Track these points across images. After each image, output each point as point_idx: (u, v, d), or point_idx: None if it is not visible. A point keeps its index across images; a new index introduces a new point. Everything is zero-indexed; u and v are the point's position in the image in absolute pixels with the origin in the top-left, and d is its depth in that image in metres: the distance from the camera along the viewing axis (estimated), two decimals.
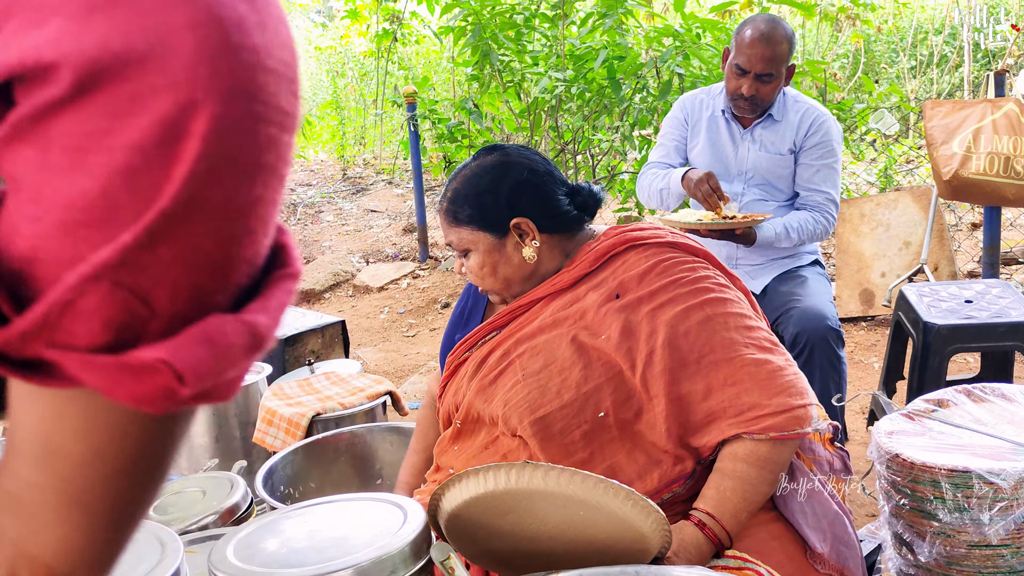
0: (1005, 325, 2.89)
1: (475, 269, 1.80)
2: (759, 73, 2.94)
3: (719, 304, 1.68)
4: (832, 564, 1.62)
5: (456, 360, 1.88)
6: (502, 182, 1.77)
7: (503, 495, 1.37)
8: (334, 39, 12.89)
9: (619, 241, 1.78)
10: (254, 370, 3.39)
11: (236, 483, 1.91)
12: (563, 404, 1.65)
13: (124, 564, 1.29)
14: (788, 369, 1.63)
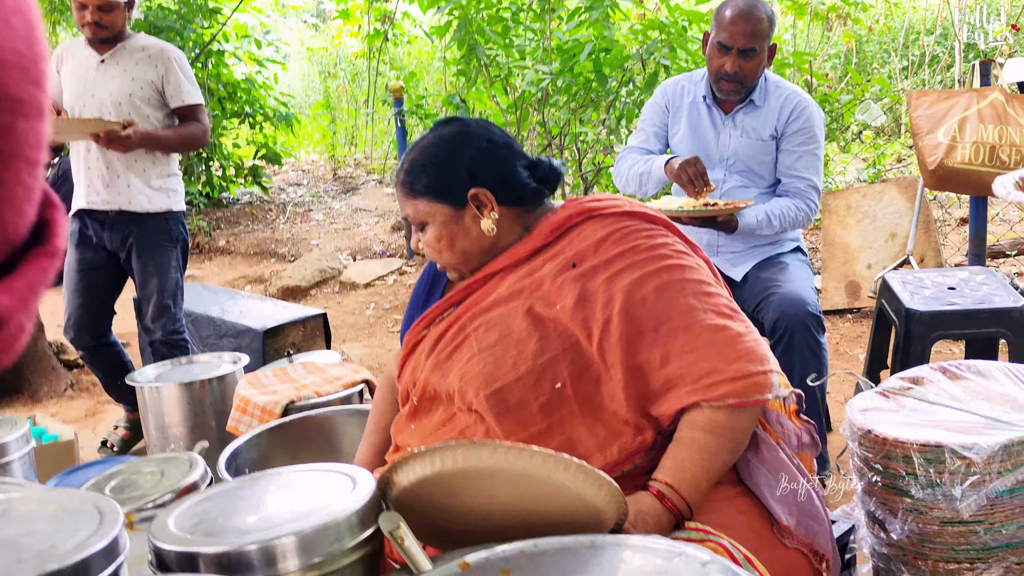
0: (988, 312, 2.86)
1: (432, 242, 1.76)
2: (742, 48, 2.91)
3: (677, 270, 1.64)
4: (801, 539, 1.58)
5: (414, 338, 1.83)
6: (460, 152, 1.73)
7: (451, 475, 1.32)
8: (326, 40, 12.85)
9: (576, 212, 1.74)
10: (231, 360, 3.35)
11: (195, 462, 1.86)
12: (519, 376, 1.60)
13: (60, 533, 1.25)
14: (748, 335, 1.58)
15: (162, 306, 3.62)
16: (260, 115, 9.46)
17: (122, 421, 3.87)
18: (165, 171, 3.61)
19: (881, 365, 3.32)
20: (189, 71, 3.67)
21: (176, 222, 3.65)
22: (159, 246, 3.60)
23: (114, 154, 3.47)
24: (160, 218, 3.59)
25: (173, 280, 3.64)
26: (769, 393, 1.53)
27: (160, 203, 3.58)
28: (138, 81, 3.53)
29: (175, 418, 3.15)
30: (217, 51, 9.01)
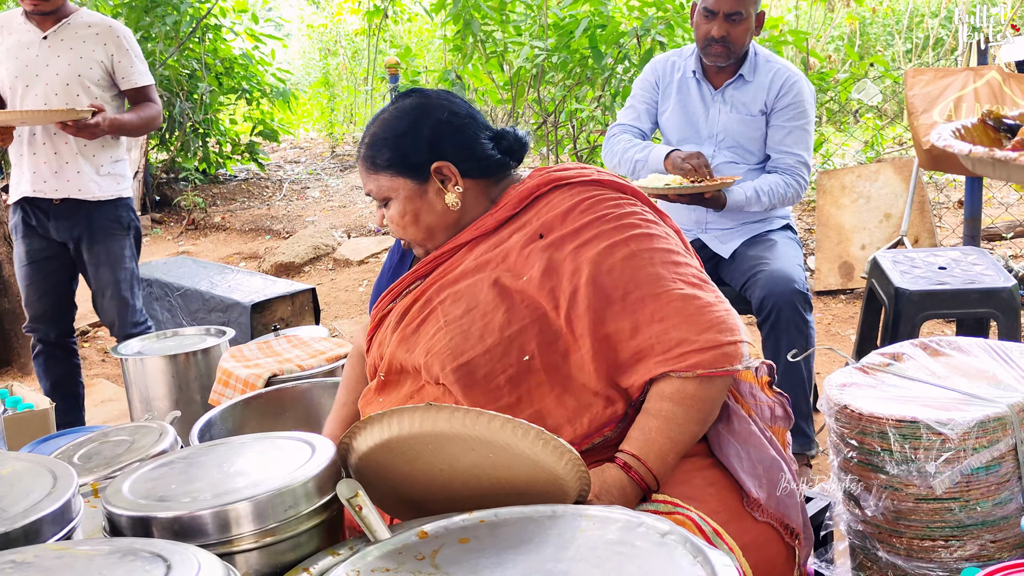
0: (978, 291, 2.83)
1: (396, 218, 1.72)
2: (728, 12, 2.88)
3: (645, 240, 1.61)
4: (771, 512, 1.55)
5: (381, 311, 1.80)
6: (421, 124, 1.69)
7: (408, 439, 1.30)
8: (327, 17, 12.78)
9: (543, 181, 1.71)
10: (216, 334, 3.33)
11: (165, 431, 1.84)
12: (486, 349, 1.58)
13: (11, 496, 1.23)
14: (718, 305, 1.56)
15: (120, 299, 3.44)
16: (257, 91, 9.41)
17: None
18: (114, 156, 3.43)
19: (872, 345, 3.29)
20: (138, 49, 3.46)
21: (127, 208, 3.46)
22: (111, 235, 3.41)
23: (63, 139, 3.28)
24: (110, 205, 3.40)
25: (129, 270, 3.46)
26: (739, 363, 1.51)
27: (110, 189, 3.39)
28: (87, 60, 3.31)
29: (159, 391, 3.14)
30: (214, 26, 8.95)
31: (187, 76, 8.92)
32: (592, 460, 1.55)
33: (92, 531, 1.42)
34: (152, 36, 8.66)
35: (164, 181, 9.23)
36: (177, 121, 8.80)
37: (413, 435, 1.29)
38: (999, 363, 1.81)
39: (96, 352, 4.95)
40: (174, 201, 8.82)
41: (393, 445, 1.31)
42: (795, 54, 6.88)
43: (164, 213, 8.72)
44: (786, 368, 2.75)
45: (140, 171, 8.42)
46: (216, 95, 9.06)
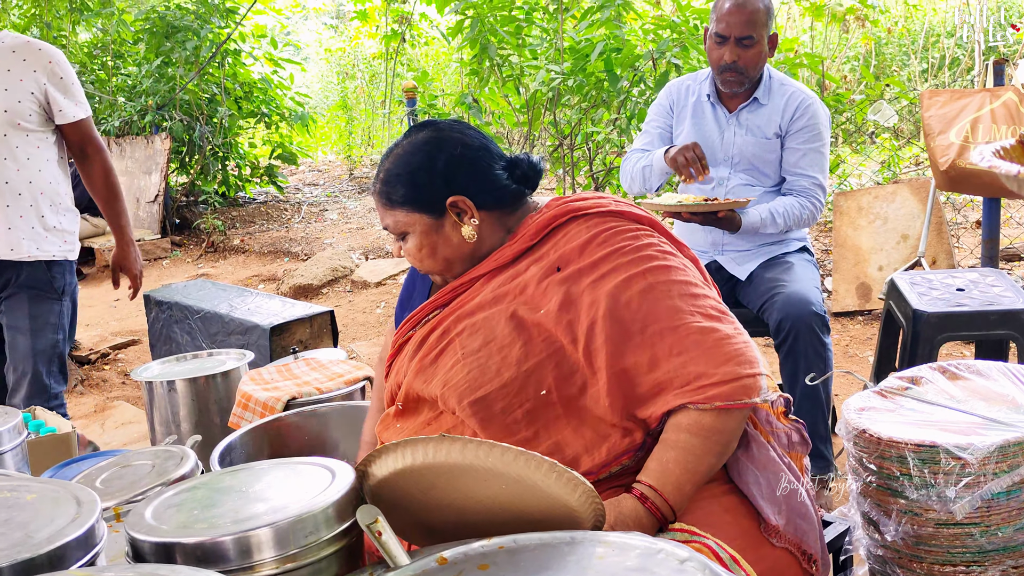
0: (997, 313, 2.82)
1: (414, 252, 1.73)
2: (739, 37, 2.89)
3: (663, 272, 1.61)
4: (789, 538, 1.55)
5: (400, 338, 1.81)
6: (436, 159, 1.69)
7: (423, 469, 1.31)
8: (344, 41, 12.91)
9: (560, 212, 1.70)
10: (235, 356, 3.35)
11: (186, 456, 1.86)
12: (503, 383, 1.58)
13: (36, 522, 1.24)
14: (737, 337, 1.56)
15: (34, 373, 2.97)
16: (276, 115, 9.50)
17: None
18: (62, 208, 3.06)
19: (889, 367, 3.28)
20: (74, 75, 2.98)
21: (65, 271, 3.05)
22: (40, 298, 2.99)
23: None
24: (43, 266, 2.99)
25: (51, 340, 3.03)
26: (757, 396, 1.51)
27: (50, 249, 2.99)
28: (14, 93, 2.85)
29: (179, 413, 3.16)
30: (234, 50, 9.06)
31: (207, 100, 9.04)
32: (610, 487, 1.55)
33: (115, 556, 1.43)
34: (173, 61, 8.79)
35: (184, 204, 9.33)
36: (197, 145, 8.90)
37: (427, 465, 1.30)
38: (1018, 387, 1.81)
39: (116, 374, 4.99)
40: (193, 224, 8.90)
41: (408, 474, 1.32)
42: (810, 76, 6.89)
43: (183, 236, 8.79)
44: (804, 391, 2.75)
45: (160, 194, 8.52)
46: (235, 119, 9.16)
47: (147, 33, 8.85)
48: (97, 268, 7.96)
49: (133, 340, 5.62)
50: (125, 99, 9.23)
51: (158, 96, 8.85)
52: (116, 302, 6.91)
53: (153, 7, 8.92)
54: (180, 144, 8.98)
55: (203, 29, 8.63)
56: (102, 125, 9.28)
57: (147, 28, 8.82)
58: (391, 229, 1.74)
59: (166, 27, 8.67)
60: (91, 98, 9.40)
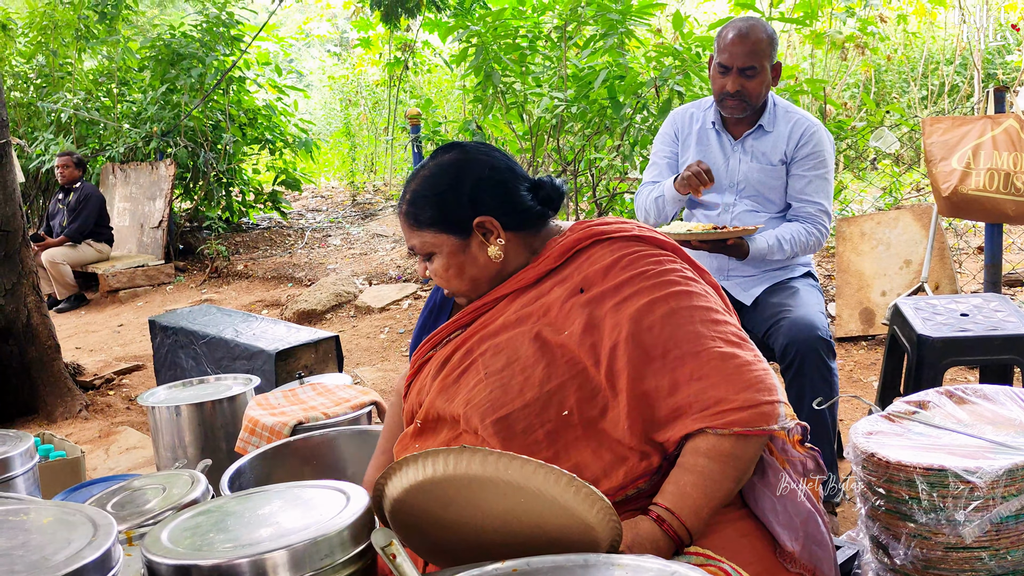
0: (1001, 338, 2.82)
1: (440, 272, 1.75)
2: (741, 67, 2.92)
3: (685, 297, 1.62)
4: (803, 564, 1.56)
5: (421, 358, 1.82)
6: (463, 181, 1.71)
7: (443, 482, 1.32)
8: (348, 68, 13.01)
9: (585, 235, 1.72)
10: (241, 382, 3.36)
11: (197, 480, 1.87)
12: (525, 403, 1.59)
13: (53, 545, 1.25)
14: (757, 364, 1.57)
15: None
16: (280, 141, 9.56)
17: None
18: None
19: (894, 392, 3.28)
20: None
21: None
22: None
23: None
24: None
25: None
26: (775, 424, 1.52)
27: None
28: None
29: (185, 438, 3.16)
30: (238, 78, 9.13)
31: (211, 127, 9.10)
32: (626, 511, 1.56)
33: None
34: (178, 88, 8.86)
35: (188, 230, 9.36)
36: (201, 171, 8.96)
37: (447, 477, 1.31)
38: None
39: (121, 399, 4.99)
40: (197, 249, 8.93)
41: (427, 487, 1.33)
42: (812, 102, 6.94)
43: (187, 261, 8.82)
44: (811, 416, 2.75)
45: (164, 220, 8.55)
46: (240, 145, 9.22)
47: (152, 60, 8.93)
48: (101, 293, 7.98)
49: (138, 365, 5.62)
50: (130, 126, 9.29)
51: (163, 123, 8.91)
52: (120, 327, 6.92)
53: (159, 35, 9.00)
54: (184, 170, 9.03)
55: (208, 57, 8.71)
56: (107, 151, 9.33)
57: (152, 56, 8.90)
58: (417, 250, 1.76)
59: (171, 55, 8.75)
60: (96, 125, 9.47)
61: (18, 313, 4.60)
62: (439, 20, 6.31)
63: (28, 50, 9.71)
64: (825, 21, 6.55)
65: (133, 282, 8.05)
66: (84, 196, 8.04)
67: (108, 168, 9.26)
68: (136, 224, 8.84)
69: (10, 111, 9.71)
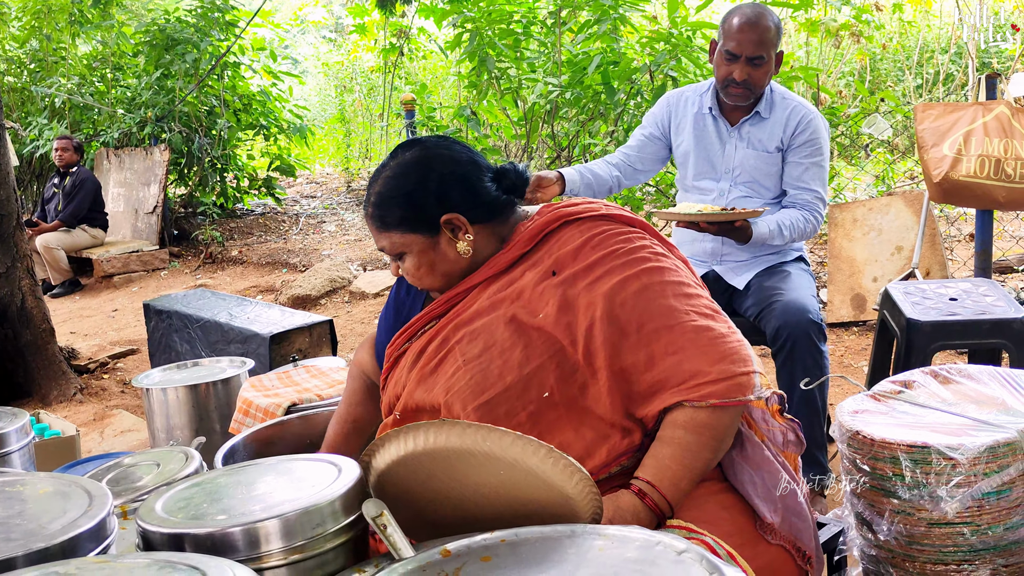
0: (989, 322, 2.85)
1: (412, 271, 1.74)
2: (750, 56, 2.92)
3: (656, 273, 1.64)
4: (783, 535, 1.58)
5: (396, 351, 1.82)
6: (427, 179, 1.70)
7: (423, 456, 1.34)
8: (343, 55, 12.98)
9: (553, 218, 1.73)
10: (235, 364, 3.38)
11: (191, 456, 1.89)
12: (506, 387, 1.60)
13: (49, 514, 1.27)
14: (731, 336, 1.59)
15: None
16: (275, 127, 9.56)
17: None
18: None
19: (884, 376, 3.30)
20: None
21: None
22: None
23: None
24: None
25: None
26: (751, 394, 1.54)
27: None
28: None
29: (180, 420, 3.18)
30: (233, 63, 9.12)
31: (206, 112, 9.09)
32: (610, 488, 1.58)
33: (123, 551, 1.46)
34: (172, 73, 8.84)
35: (182, 215, 9.36)
36: (196, 156, 8.95)
37: (428, 451, 1.33)
38: (1008, 390, 1.84)
39: (115, 383, 5.01)
40: (192, 235, 8.93)
41: (409, 462, 1.35)
42: (806, 90, 6.95)
43: (182, 247, 8.83)
44: (800, 398, 2.78)
45: (159, 205, 8.55)
46: (234, 131, 9.21)
47: (147, 46, 8.91)
48: (95, 278, 7.99)
49: (132, 349, 5.64)
50: (124, 111, 9.28)
51: (157, 108, 8.90)
52: (115, 312, 6.94)
53: (153, 20, 8.98)
54: (179, 156, 9.02)
55: (203, 42, 8.69)
56: (101, 136, 9.32)
57: (147, 41, 8.88)
58: (387, 251, 1.75)
59: (166, 40, 8.73)
60: (90, 110, 9.45)
61: (12, 297, 4.61)
62: (434, 6, 6.31)
63: (22, 35, 9.68)
64: (820, 9, 6.56)
65: (127, 267, 8.05)
66: (80, 181, 8.04)
67: (102, 153, 9.25)
68: (130, 209, 8.84)
69: (4, 96, 9.69)
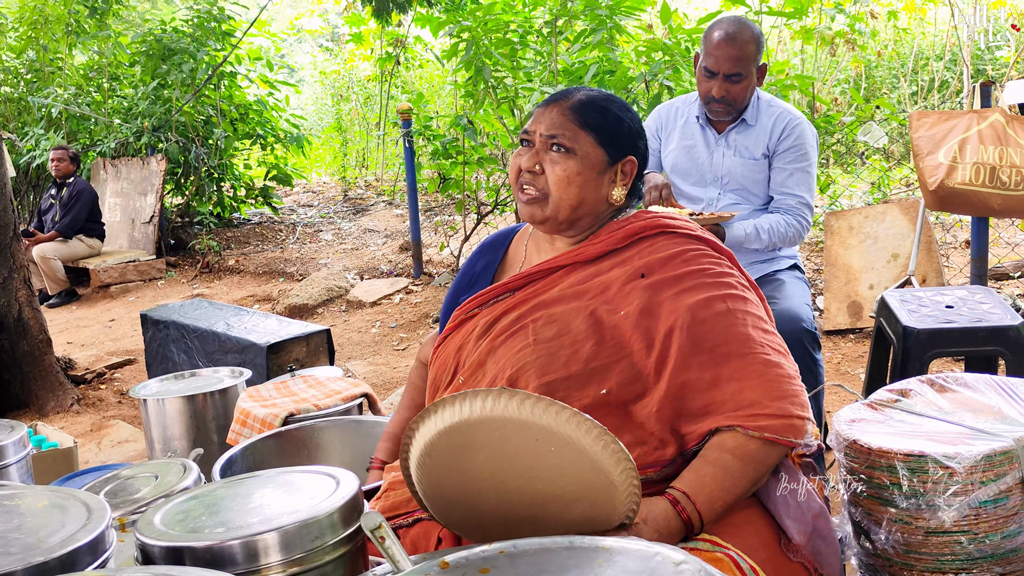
0: (986, 329, 2.86)
1: (560, 173, 1.71)
2: (727, 74, 2.93)
3: (741, 301, 1.67)
4: (806, 556, 1.59)
5: (463, 315, 1.84)
6: (631, 119, 1.78)
7: (477, 424, 1.35)
8: (339, 64, 13.00)
9: (651, 224, 1.77)
10: (233, 374, 3.38)
11: (189, 468, 1.89)
12: (568, 375, 1.64)
13: (48, 528, 1.27)
14: (796, 379, 1.63)
15: None
16: (271, 136, 9.56)
17: None
18: None
19: (881, 383, 3.31)
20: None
21: None
22: None
23: None
24: None
25: None
26: (801, 439, 1.58)
27: None
28: None
29: (177, 431, 3.18)
30: (229, 73, 9.13)
31: (203, 122, 9.09)
32: None
33: (122, 564, 1.46)
34: (169, 83, 8.85)
35: (179, 225, 9.36)
36: (193, 166, 8.95)
37: (483, 420, 1.34)
38: (1005, 398, 1.85)
39: (113, 393, 5.00)
40: (189, 245, 8.93)
41: (463, 429, 1.36)
42: (801, 98, 6.97)
43: (179, 256, 8.82)
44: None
45: (156, 215, 8.55)
46: (231, 140, 9.22)
47: (143, 56, 8.92)
48: (92, 289, 7.98)
49: (129, 359, 5.63)
50: (121, 121, 9.29)
51: (154, 118, 8.90)
52: (111, 322, 6.93)
53: (150, 30, 8.99)
54: (176, 165, 9.03)
55: (199, 52, 8.70)
56: (98, 146, 9.33)
57: (143, 51, 8.89)
58: (561, 140, 1.72)
59: (162, 50, 8.74)
60: (87, 120, 9.46)
61: (9, 307, 4.61)
62: (430, 15, 6.32)
63: (18, 45, 9.68)
64: (815, 17, 6.58)
65: (124, 277, 8.05)
66: (77, 191, 8.04)
67: (99, 163, 9.25)
68: (127, 219, 8.83)
69: (0, 106, 9.69)
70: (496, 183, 6.86)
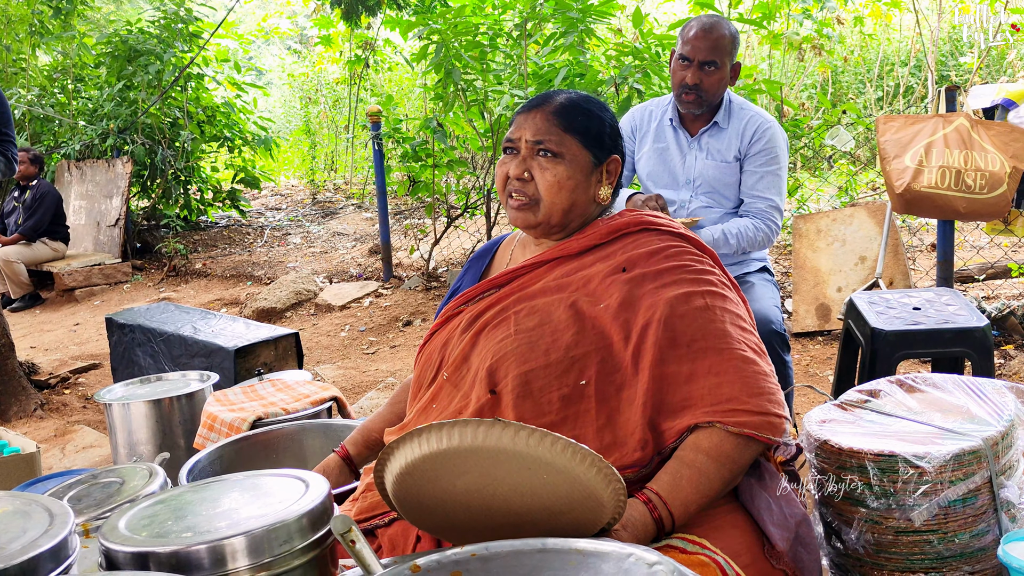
0: (952, 331, 2.89)
1: (550, 179, 1.74)
2: (702, 61, 2.95)
3: (720, 298, 1.68)
4: (787, 563, 1.59)
5: (450, 312, 1.87)
6: (611, 119, 1.81)
7: (467, 452, 1.33)
8: (308, 66, 12.93)
9: (634, 220, 1.79)
10: (199, 378, 3.33)
11: (155, 472, 1.86)
12: (548, 363, 1.64)
13: (8, 534, 1.24)
14: (773, 378, 1.63)
15: None
16: (239, 139, 9.48)
17: None
18: None
19: (849, 385, 3.33)
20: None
21: None
22: None
23: None
24: None
25: None
26: (780, 437, 1.57)
27: None
28: None
29: (143, 435, 3.13)
30: (196, 74, 9.04)
31: (169, 124, 8.99)
32: None
33: (86, 571, 1.43)
34: (135, 85, 8.75)
35: (145, 228, 9.25)
36: (159, 168, 8.85)
37: (475, 448, 1.32)
38: (973, 398, 1.86)
39: (77, 398, 4.93)
40: (155, 248, 8.83)
41: (448, 456, 1.33)
42: (769, 102, 7.02)
43: (145, 260, 8.72)
44: None
45: (121, 218, 8.45)
46: (198, 143, 9.13)
47: (109, 57, 8.81)
48: (56, 292, 7.86)
49: (94, 364, 5.55)
50: (86, 122, 9.17)
51: (120, 120, 8.80)
52: (76, 326, 6.83)
53: (116, 31, 8.88)
54: (142, 168, 8.92)
55: (166, 53, 8.61)
56: (62, 148, 9.20)
57: (109, 52, 8.78)
58: (548, 145, 1.74)
59: (128, 51, 8.64)
60: (51, 121, 9.33)
61: None
62: (400, 18, 6.30)
63: None
64: (783, 22, 6.64)
65: (89, 281, 7.94)
66: (40, 194, 7.92)
67: (63, 165, 9.12)
68: (92, 222, 8.72)
69: None
70: (466, 186, 6.84)
